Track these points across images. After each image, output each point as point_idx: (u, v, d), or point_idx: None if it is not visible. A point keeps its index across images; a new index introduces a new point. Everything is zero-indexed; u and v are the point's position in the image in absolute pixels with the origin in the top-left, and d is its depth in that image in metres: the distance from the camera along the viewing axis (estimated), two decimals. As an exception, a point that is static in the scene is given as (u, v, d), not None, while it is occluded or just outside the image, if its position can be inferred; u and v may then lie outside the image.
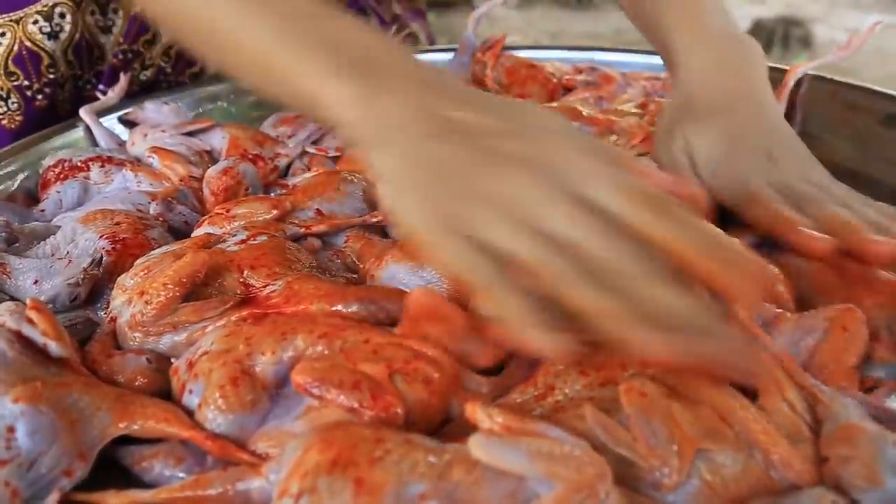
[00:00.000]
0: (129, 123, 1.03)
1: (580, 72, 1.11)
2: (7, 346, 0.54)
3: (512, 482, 0.43)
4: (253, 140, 0.95)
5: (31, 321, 0.56)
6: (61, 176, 0.86)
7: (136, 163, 0.90)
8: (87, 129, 0.99)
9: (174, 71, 1.18)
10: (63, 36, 1.03)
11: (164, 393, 0.58)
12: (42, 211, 0.83)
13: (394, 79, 0.56)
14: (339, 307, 0.59)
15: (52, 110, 1.06)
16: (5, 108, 1.04)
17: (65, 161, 0.88)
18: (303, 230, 0.74)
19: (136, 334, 0.61)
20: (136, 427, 0.53)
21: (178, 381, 0.57)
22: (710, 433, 0.47)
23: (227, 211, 0.76)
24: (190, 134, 0.96)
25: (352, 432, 0.46)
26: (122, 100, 1.06)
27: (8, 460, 0.49)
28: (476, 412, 0.45)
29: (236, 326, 0.57)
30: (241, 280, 0.64)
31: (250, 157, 0.91)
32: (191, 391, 0.55)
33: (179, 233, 0.79)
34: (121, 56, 1.11)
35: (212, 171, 0.85)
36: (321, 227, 0.75)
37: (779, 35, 3.23)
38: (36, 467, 0.49)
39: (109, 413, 0.53)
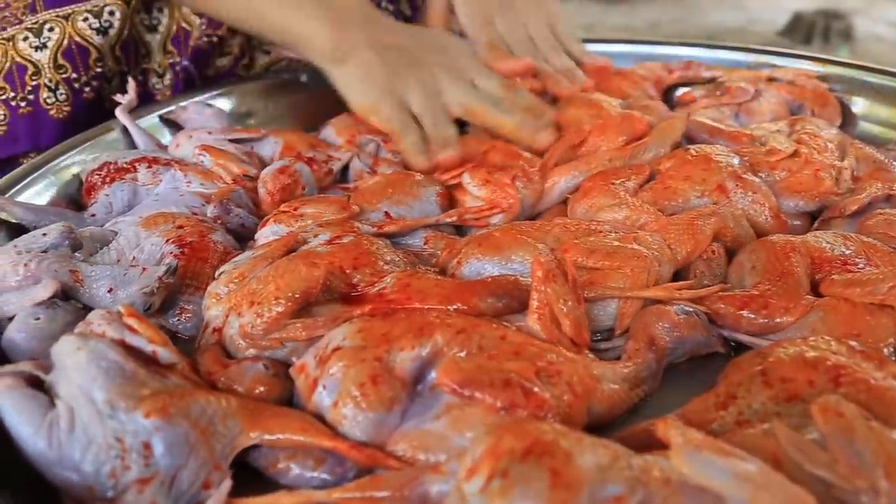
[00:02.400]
0: (168, 123, 1.01)
1: (671, 72, 1.07)
2: (122, 357, 0.50)
3: (710, 500, 0.41)
4: (306, 144, 0.93)
5: (131, 329, 0.53)
6: (107, 179, 0.82)
7: (184, 163, 0.86)
8: (124, 130, 0.96)
9: (250, 62, 1.18)
10: (112, 32, 1.04)
11: (283, 400, 0.56)
12: (93, 216, 0.79)
13: (353, 20, 0.92)
14: (477, 303, 0.58)
15: (100, 103, 1.07)
16: (54, 99, 1.04)
17: (109, 164, 0.84)
18: (374, 230, 0.72)
19: (250, 346, 0.58)
20: (269, 437, 0.50)
21: (307, 378, 0.54)
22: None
23: (295, 209, 0.73)
24: (238, 141, 0.93)
25: (545, 425, 0.45)
26: (176, 94, 1.06)
27: (150, 478, 0.45)
28: (670, 431, 0.43)
29: (366, 322, 0.55)
30: (346, 280, 0.62)
31: (304, 159, 0.89)
32: (324, 387, 0.52)
33: (236, 235, 0.76)
34: (205, 39, 1.11)
35: (267, 171, 0.83)
36: (392, 228, 0.73)
37: (819, 28, 3.18)
38: (177, 483, 0.46)
39: (237, 421, 0.50)
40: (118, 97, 0.98)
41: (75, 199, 0.86)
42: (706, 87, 1.05)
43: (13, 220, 0.74)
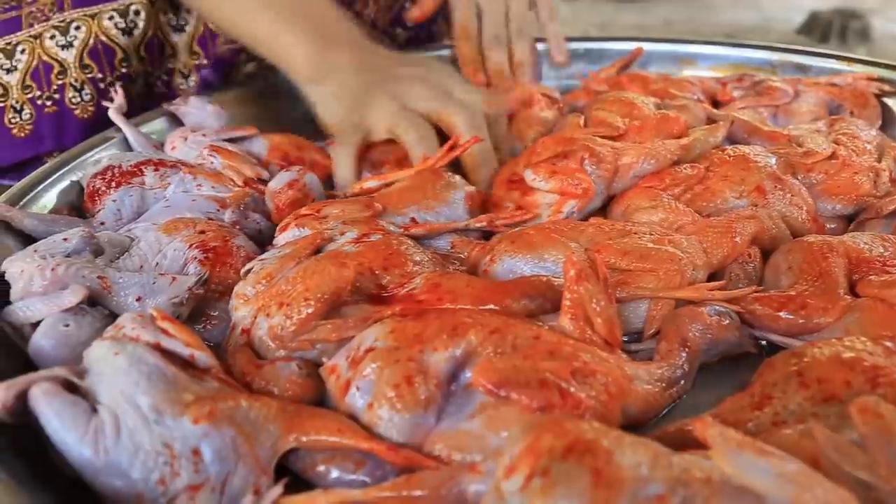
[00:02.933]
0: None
1: (724, 85, 1.06)
2: (162, 362, 0.50)
3: (751, 500, 0.40)
4: (294, 145, 0.92)
5: (165, 332, 0.52)
6: (112, 183, 0.79)
7: (191, 165, 0.84)
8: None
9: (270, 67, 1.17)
10: (136, 32, 1.05)
11: (315, 400, 0.56)
12: (102, 223, 0.77)
13: (340, 43, 0.93)
14: (509, 303, 0.58)
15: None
16: (79, 99, 1.04)
17: (114, 167, 0.81)
18: (401, 230, 0.71)
19: (280, 347, 0.58)
20: (306, 439, 0.49)
21: (339, 379, 0.53)
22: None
23: (318, 211, 0.73)
24: (231, 140, 0.91)
25: (585, 423, 0.44)
26: (199, 91, 1.05)
27: (200, 485, 0.45)
28: (709, 431, 0.43)
29: (398, 323, 0.55)
30: (375, 280, 0.62)
31: (293, 161, 0.90)
32: (357, 388, 0.51)
33: (253, 240, 0.74)
34: (228, 45, 1.12)
35: (276, 184, 0.81)
36: (419, 231, 0.72)
37: (836, 28, 3.15)
38: (228, 489, 0.46)
39: (277, 425, 0.50)
40: (115, 96, 0.98)
41: (76, 205, 0.83)
42: (744, 85, 1.05)
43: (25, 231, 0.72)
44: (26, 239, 0.71)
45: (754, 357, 0.61)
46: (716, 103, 1.03)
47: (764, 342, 0.63)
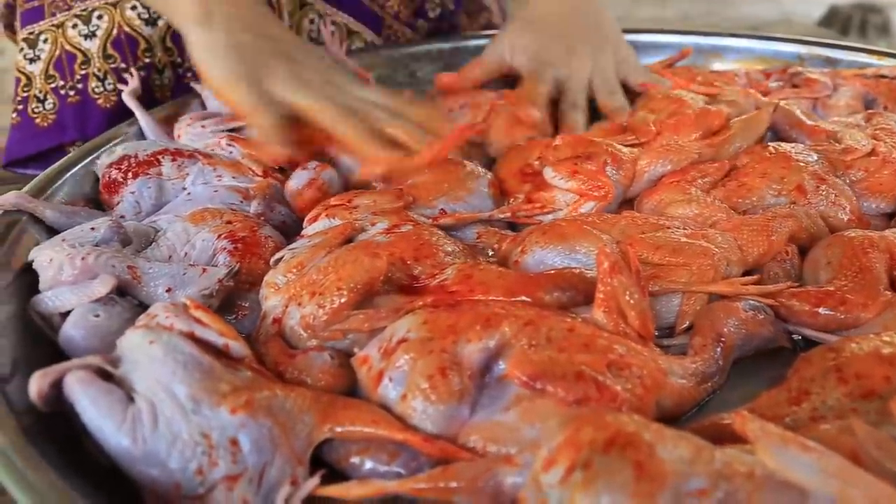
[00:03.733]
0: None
1: (769, 76, 1.04)
2: (199, 351, 0.49)
3: (794, 496, 0.40)
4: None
5: (199, 321, 0.52)
6: (129, 174, 0.78)
7: (208, 155, 0.83)
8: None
9: None
10: (161, 23, 1.04)
11: (347, 390, 0.55)
12: (122, 217, 0.75)
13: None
14: (542, 295, 0.58)
15: (149, 94, 1.06)
16: (102, 89, 1.04)
17: (129, 157, 0.79)
18: (430, 222, 0.71)
19: (312, 337, 0.57)
20: (340, 429, 0.49)
21: (371, 370, 0.53)
22: None
23: (349, 202, 0.72)
24: (234, 130, 0.89)
25: (625, 416, 0.44)
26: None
27: (238, 475, 0.45)
28: (748, 425, 0.42)
29: (431, 314, 0.54)
30: (407, 271, 0.61)
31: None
32: (390, 379, 0.51)
33: (279, 231, 0.74)
34: None
35: (295, 185, 0.79)
36: (448, 221, 0.72)
37: (856, 22, 3.13)
38: (266, 479, 0.45)
39: (311, 415, 0.49)
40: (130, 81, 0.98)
41: (91, 197, 0.81)
42: (780, 78, 1.03)
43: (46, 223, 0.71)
44: (50, 230, 0.71)
45: (786, 352, 0.61)
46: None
47: (796, 337, 0.63)
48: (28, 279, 0.62)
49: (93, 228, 0.64)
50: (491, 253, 0.71)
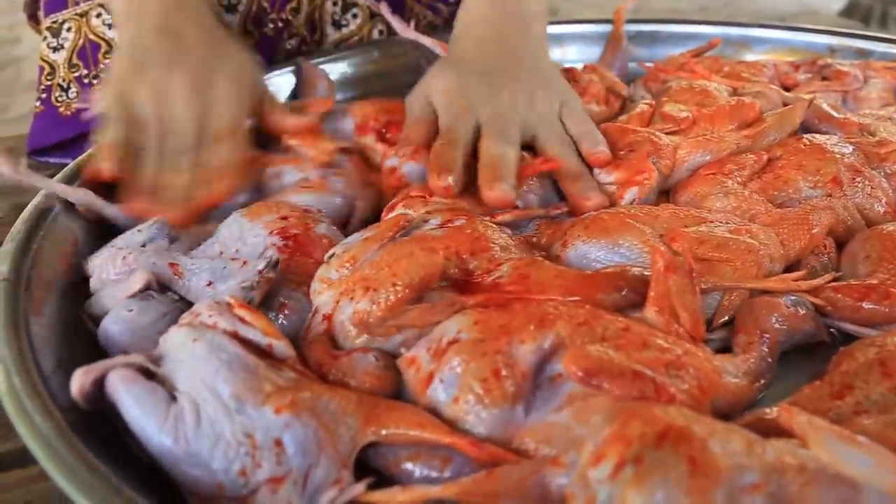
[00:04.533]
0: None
1: (797, 68, 1.02)
2: (243, 350, 0.49)
3: (847, 490, 0.40)
4: (384, 111, 0.88)
5: (243, 320, 0.51)
6: None
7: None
8: None
9: (315, 41, 1.17)
10: None
11: (392, 394, 0.54)
12: None
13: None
14: (600, 296, 0.57)
15: None
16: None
17: None
18: (488, 219, 0.69)
19: (363, 333, 0.56)
20: (385, 433, 0.48)
21: (420, 371, 0.52)
22: None
23: (429, 195, 0.71)
24: None
25: (673, 410, 0.44)
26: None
27: (282, 477, 0.44)
28: (796, 419, 0.42)
29: (482, 314, 0.53)
30: (462, 266, 0.60)
31: (377, 132, 0.86)
32: (441, 381, 0.50)
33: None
34: (271, 26, 1.11)
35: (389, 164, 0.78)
36: (507, 218, 0.70)
37: (876, 14, 3.10)
38: (310, 482, 0.45)
39: (355, 417, 0.48)
40: None
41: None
42: (808, 70, 1.02)
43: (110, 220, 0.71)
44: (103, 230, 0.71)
45: (822, 346, 0.61)
46: (783, 88, 0.99)
47: (832, 330, 0.62)
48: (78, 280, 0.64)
49: (139, 230, 0.65)
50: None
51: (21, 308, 0.57)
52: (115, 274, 0.61)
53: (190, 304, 0.57)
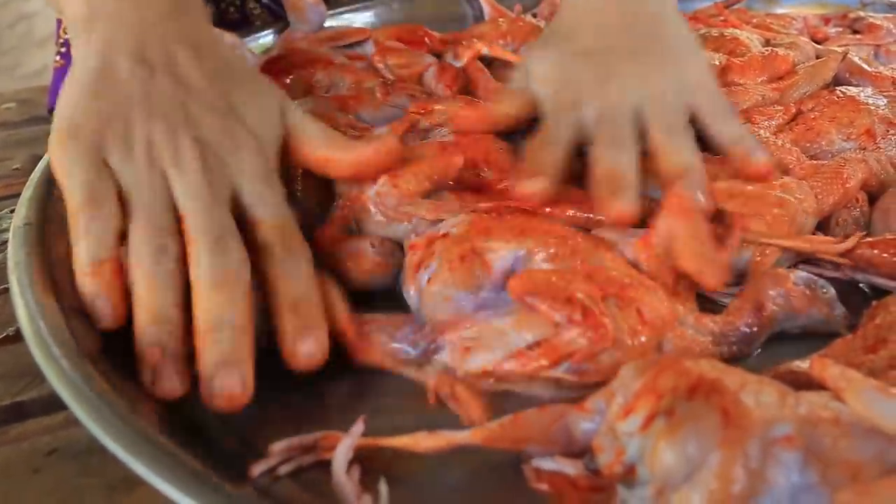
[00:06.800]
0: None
1: (828, 21, 1.01)
2: None
3: (882, 443, 0.39)
4: (403, 31, 0.91)
5: None
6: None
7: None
8: None
9: None
10: None
11: (385, 282, 0.60)
12: None
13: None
14: (590, 215, 0.60)
15: None
16: None
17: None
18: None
19: (379, 213, 0.61)
20: None
21: (415, 256, 0.57)
22: None
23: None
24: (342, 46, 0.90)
25: (705, 362, 0.43)
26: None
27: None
28: (828, 371, 0.41)
29: (477, 217, 0.58)
30: (475, 173, 0.64)
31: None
32: (425, 268, 0.55)
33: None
34: None
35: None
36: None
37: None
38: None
39: None
40: None
41: None
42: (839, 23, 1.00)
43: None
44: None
45: (856, 300, 0.58)
46: (813, 42, 0.98)
47: (862, 286, 0.61)
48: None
49: None
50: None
51: (44, 252, 0.56)
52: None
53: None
